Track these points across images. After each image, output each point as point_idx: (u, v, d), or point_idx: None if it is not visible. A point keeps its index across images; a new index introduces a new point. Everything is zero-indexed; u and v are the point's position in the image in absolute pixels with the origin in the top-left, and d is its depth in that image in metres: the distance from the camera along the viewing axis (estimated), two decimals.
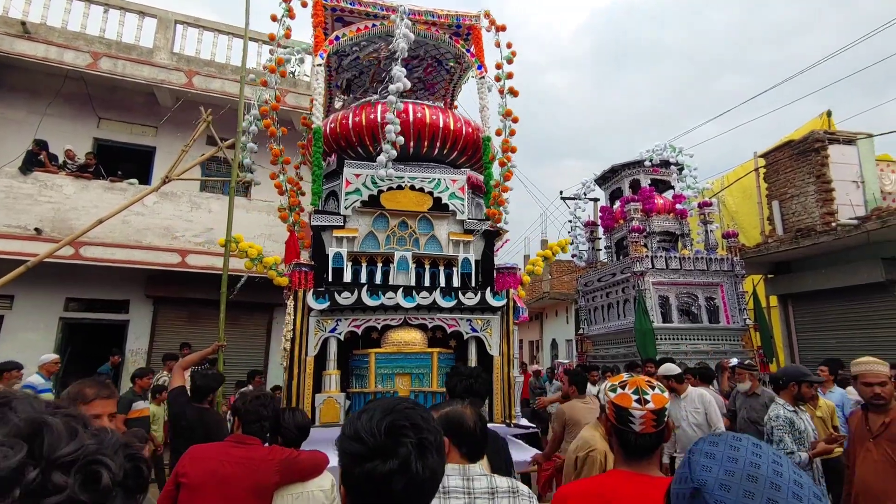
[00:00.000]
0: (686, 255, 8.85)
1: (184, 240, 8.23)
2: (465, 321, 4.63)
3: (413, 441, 0.91)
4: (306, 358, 4.28)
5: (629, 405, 1.36)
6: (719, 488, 0.72)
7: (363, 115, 5.05)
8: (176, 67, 8.70)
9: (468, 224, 4.95)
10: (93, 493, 0.50)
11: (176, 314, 8.96)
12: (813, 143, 9.23)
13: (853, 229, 7.50)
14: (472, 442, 1.64)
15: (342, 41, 5.25)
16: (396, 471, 0.88)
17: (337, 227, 4.71)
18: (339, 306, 4.36)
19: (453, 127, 5.13)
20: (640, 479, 1.35)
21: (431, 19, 5.32)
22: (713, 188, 12.65)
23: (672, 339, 8.27)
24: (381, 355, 4.33)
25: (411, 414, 0.95)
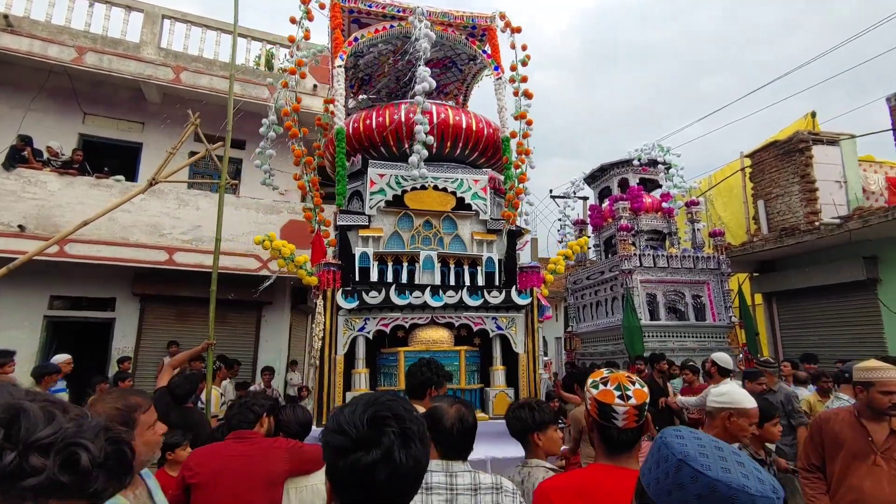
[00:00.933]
0: (673, 253, 8.96)
1: (171, 237, 8.15)
2: (490, 319, 4.68)
3: (396, 431, 0.91)
4: (335, 357, 4.36)
5: (612, 401, 1.38)
6: (699, 455, 0.81)
7: (386, 114, 5.07)
8: (163, 63, 8.60)
9: (491, 224, 5.02)
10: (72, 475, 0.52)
11: (163, 312, 8.87)
12: (797, 144, 9.38)
13: (836, 228, 7.64)
14: (447, 441, 1.67)
15: (360, 42, 5.27)
16: (380, 461, 0.88)
17: (362, 226, 4.77)
18: (367, 305, 4.43)
19: (475, 128, 5.18)
20: (621, 472, 1.38)
21: (447, 20, 5.37)
22: (700, 187, 12.81)
23: (659, 337, 8.37)
24: (409, 353, 4.37)
25: (393, 405, 0.96)
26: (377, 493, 0.90)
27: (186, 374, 4.01)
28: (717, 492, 0.76)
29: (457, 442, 1.69)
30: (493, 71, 5.41)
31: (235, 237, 8.29)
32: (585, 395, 1.45)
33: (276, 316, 9.54)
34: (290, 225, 8.78)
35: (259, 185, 9.67)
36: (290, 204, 9.11)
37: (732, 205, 12.17)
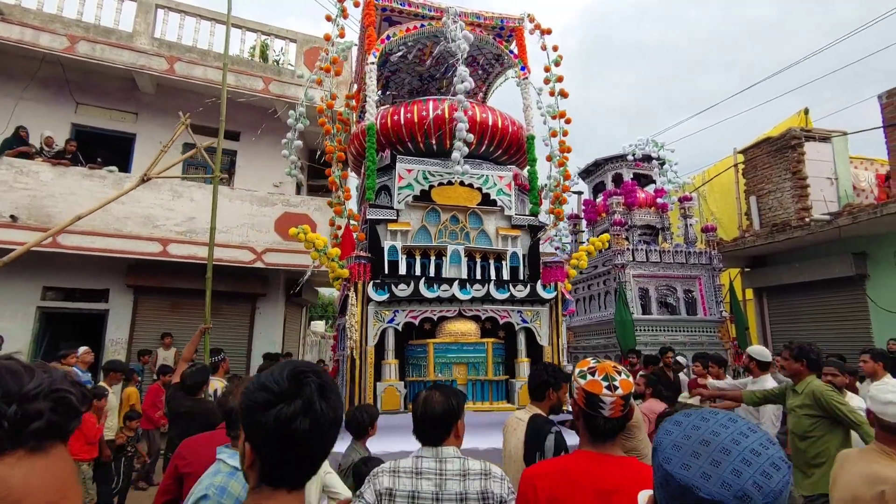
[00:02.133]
0: (666, 248, 9.04)
1: (165, 229, 8.12)
2: (515, 312, 4.79)
3: (315, 383, 0.95)
4: (367, 348, 4.45)
5: (600, 392, 1.41)
6: (671, 447, 0.83)
7: (415, 111, 5.19)
8: (157, 53, 8.53)
9: (515, 219, 5.14)
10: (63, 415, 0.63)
11: (157, 304, 8.86)
12: (790, 141, 9.45)
13: (826, 225, 7.73)
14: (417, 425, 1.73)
15: (393, 41, 5.40)
16: (300, 411, 0.91)
17: (391, 220, 4.88)
18: (397, 298, 4.51)
19: (501, 125, 5.32)
20: (605, 458, 1.42)
21: (477, 21, 5.53)
22: (694, 183, 12.89)
23: (651, 331, 8.46)
24: (438, 345, 4.49)
25: (313, 366, 1.01)
26: (298, 445, 0.91)
27: (197, 366, 4.18)
28: (670, 485, 0.80)
29: (420, 425, 1.75)
30: (520, 71, 5.56)
31: (230, 229, 8.28)
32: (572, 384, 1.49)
33: (270, 308, 9.54)
34: (285, 217, 8.77)
35: (253, 177, 9.68)
36: (284, 196, 9.09)
37: (725, 200, 12.25)
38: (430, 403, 1.76)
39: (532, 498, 1.37)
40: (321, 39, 9.81)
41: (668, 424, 0.88)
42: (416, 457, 1.72)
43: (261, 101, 9.32)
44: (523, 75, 5.56)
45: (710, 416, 0.86)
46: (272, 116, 9.73)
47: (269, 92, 9.11)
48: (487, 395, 4.48)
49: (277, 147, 9.94)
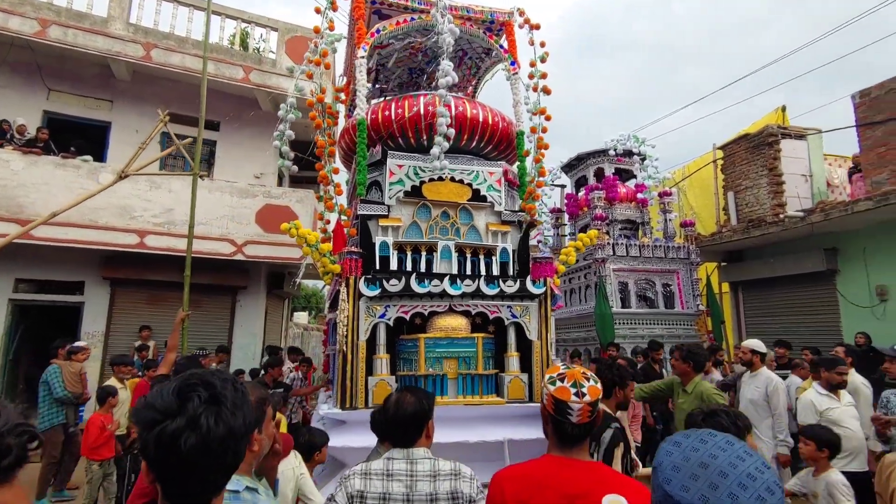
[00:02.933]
0: (645, 242, 9.17)
1: (142, 220, 7.98)
2: (505, 308, 4.81)
3: (203, 396, 0.89)
4: (358, 342, 4.50)
5: (568, 398, 1.44)
6: (671, 468, 0.86)
7: (405, 106, 5.17)
8: (132, 39, 8.30)
9: (505, 215, 5.16)
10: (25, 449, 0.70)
11: (135, 296, 8.71)
12: (767, 138, 9.63)
13: (799, 221, 7.93)
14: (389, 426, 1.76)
15: (382, 34, 5.35)
16: (184, 427, 0.85)
17: (382, 216, 4.91)
18: (388, 293, 4.55)
19: (491, 121, 5.31)
20: (572, 463, 1.45)
21: (467, 14, 5.50)
22: (674, 178, 13.07)
23: (630, 324, 8.61)
24: (429, 340, 4.54)
25: (206, 375, 0.95)
26: (185, 464, 0.86)
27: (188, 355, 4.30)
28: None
29: (392, 426, 1.78)
30: (510, 66, 5.55)
31: (209, 221, 8.16)
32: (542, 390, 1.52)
33: (251, 300, 9.46)
34: (266, 209, 8.68)
35: (233, 168, 9.54)
36: (265, 188, 8.98)
37: (704, 196, 12.46)
38: (401, 405, 1.78)
39: (500, 500, 1.39)
40: (304, 28, 9.68)
41: (668, 445, 0.91)
42: (387, 458, 1.74)
43: (241, 90, 9.17)
44: (513, 70, 5.55)
45: (709, 438, 0.89)
46: (253, 106, 9.58)
47: (250, 81, 8.96)
48: (477, 389, 4.56)
49: (258, 137, 9.84)
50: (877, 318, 7.60)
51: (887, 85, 7.82)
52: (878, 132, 7.89)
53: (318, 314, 27.02)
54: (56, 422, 5.52)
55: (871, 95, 8.04)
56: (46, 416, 5.49)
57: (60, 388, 5.53)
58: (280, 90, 9.16)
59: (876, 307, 7.67)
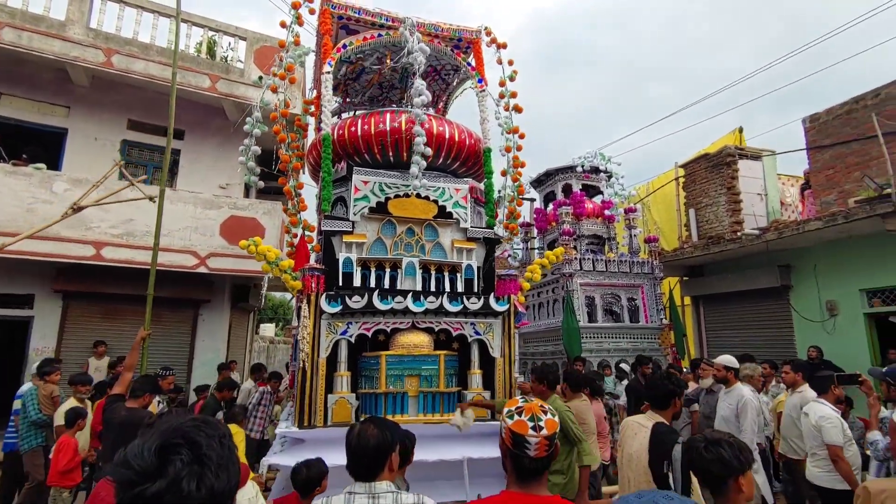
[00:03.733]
0: (611, 257, 9.38)
1: (99, 231, 7.66)
2: (469, 325, 4.83)
3: (186, 458, 0.84)
4: (318, 360, 4.46)
5: (526, 432, 1.44)
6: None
7: (372, 122, 5.20)
8: (92, 44, 8.03)
9: (471, 232, 5.18)
10: None
11: (89, 310, 8.33)
12: (725, 158, 10.04)
13: (755, 239, 8.26)
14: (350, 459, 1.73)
15: (349, 49, 5.38)
16: (165, 491, 0.80)
17: (346, 232, 4.88)
18: (350, 310, 4.53)
19: (458, 138, 5.37)
20: (530, 499, 1.45)
21: (434, 32, 5.54)
22: (639, 194, 13.45)
23: (596, 338, 8.75)
24: (391, 357, 4.52)
25: (191, 431, 0.88)
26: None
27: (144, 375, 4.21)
28: None
29: (354, 460, 1.75)
30: (477, 83, 5.60)
31: (171, 232, 7.90)
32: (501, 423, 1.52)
33: (214, 314, 9.18)
34: (231, 221, 8.47)
35: (197, 178, 9.29)
36: (231, 199, 8.78)
37: (667, 212, 12.86)
38: (363, 437, 1.75)
39: None
40: (273, 38, 9.57)
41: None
42: (348, 493, 1.70)
43: (207, 99, 8.97)
44: (480, 87, 5.63)
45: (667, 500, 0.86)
46: (219, 115, 9.39)
47: (217, 90, 8.78)
48: (439, 407, 4.52)
49: (224, 147, 9.64)
50: (827, 332, 7.96)
51: (834, 111, 8.28)
52: (827, 155, 8.34)
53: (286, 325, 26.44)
54: (35, 444, 5.29)
55: (820, 120, 8.50)
56: (26, 438, 5.26)
57: (35, 410, 5.32)
58: (248, 100, 8.99)
59: (826, 322, 8.03)
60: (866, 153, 7.68)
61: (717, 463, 1.75)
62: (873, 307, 7.59)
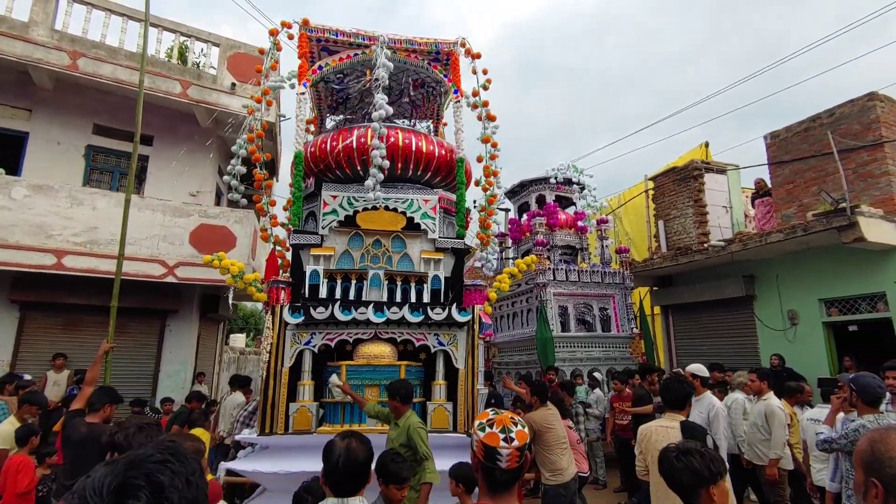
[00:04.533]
0: (584, 268, 9.54)
1: (61, 239, 7.38)
2: (432, 335, 4.89)
3: (144, 499, 0.78)
4: (282, 369, 4.60)
5: (497, 444, 1.44)
6: None
7: (340, 139, 5.33)
8: (57, 46, 7.79)
9: (439, 243, 5.21)
10: None
11: (47, 321, 7.98)
12: (692, 171, 10.36)
13: (721, 250, 8.53)
14: (332, 476, 1.70)
15: (325, 70, 5.58)
16: None
17: (314, 245, 5.02)
18: (314, 320, 4.65)
19: (426, 150, 5.44)
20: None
21: (412, 47, 5.65)
22: (610, 205, 13.74)
23: (569, 347, 8.86)
24: (351, 367, 4.62)
25: (156, 469, 0.82)
26: None
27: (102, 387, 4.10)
28: None
29: (343, 476, 1.72)
30: (453, 94, 5.68)
31: (138, 241, 7.67)
32: (472, 436, 1.53)
33: (182, 325, 8.92)
34: (201, 229, 8.28)
35: (166, 186, 9.07)
36: (201, 207, 8.59)
37: (638, 223, 13.16)
38: (352, 452, 1.73)
39: None
40: (248, 45, 9.48)
41: None
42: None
43: (178, 104, 8.79)
44: (455, 98, 5.69)
45: None
46: (190, 121, 9.21)
47: (188, 96, 8.62)
48: None
49: (194, 153, 9.45)
50: (789, 340, 8.26)
51: (794, 128, 8.66)
52: (787, 170, 8.70)
53: (257, 336, 25.88)
54: None
55: (781, 137, 8.87)
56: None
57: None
58: (220, 106, 8.87)
59: (788, 330, 8.33)
60: (823, 169, 8.05)
61: (688, 472, 1.75)
62: (831, 316, 7.91)
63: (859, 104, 7.75)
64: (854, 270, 7.47)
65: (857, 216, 6.60)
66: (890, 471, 1.08)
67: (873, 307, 7.37)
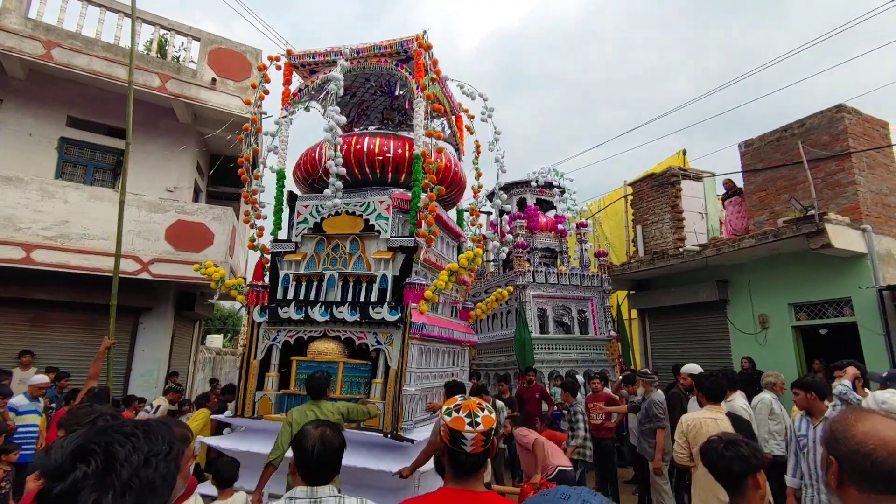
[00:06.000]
0: (563, 270, 9.64)
1: (30, 232, 7.18)
2: (371, 334, 5.11)
3: (92, 469, 0.78)
4: (252, 361, 5.29)
5: (462, 428, 1.47)
6: None
7: (316, 150, 5.88)
8: (31, 35, 7.60)
9: (391, 242, 5.35)
10: None
11: (15, 317, 7.74)
12: (669, 178, 10.58)
13: (696, 255, 8.72)
14: (305, 464, 1.70)
15: (303, 92, 6.04)
16: (60, 495, 0.76)
17: (288, 252, 5.56)
18: (279, 319, 5.25)
19: (377, 150, 5.67)
20: (468, 494, 1.48)
21: (379, 52, 5.76)
22: (590, 210, 13.93)
23: (547, 349, 8.94)
24: (301, 363, 5.07)
25: (116, 440, 0.83)
26: None
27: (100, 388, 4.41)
28: None
29: (317, 465, 1.72)
30: (415, 90, 5.66)
31: (111, 236, 7.49)
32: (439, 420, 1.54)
33: (156, 323, 8.74)
34: (178, 225, 8.15)
35: (143, 181, 8.89)
36: (178, 203, 8.45)
37: (617, 227, 13.38)
38: (326, 440, 1.74)
39: None
40: (228, 41, 9.38)
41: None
42: (288, 498, 1.67)
43: (157, 98, 8.65)
44: (417, 94, 5.66)
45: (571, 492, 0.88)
46: (168, 116, 9.06)
47: (167, 90, 8.49)
48: None
49: (171, 149, 9.30)
50: (759, 343, 8.47)
51: (766, 137, 8.92)
52: (760, 178, 8.95)
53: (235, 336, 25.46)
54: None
55: (754, 145, 9.13)
56: None
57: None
58: (200, 102, 8.75)
59: (758, 334, 8.55)
60: (794, 177, 8.30)
61: (739, 461, 1.89)
62: (800, 320, 8.15)
63: (828, 115, 8.03)
64: (822, 276, 7.72)
65: (825, 223, 6.83)
66: (844, 448, 1.14)
67: (839, 311, 7.62)
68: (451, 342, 5.98)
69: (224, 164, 11.26)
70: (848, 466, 1.13)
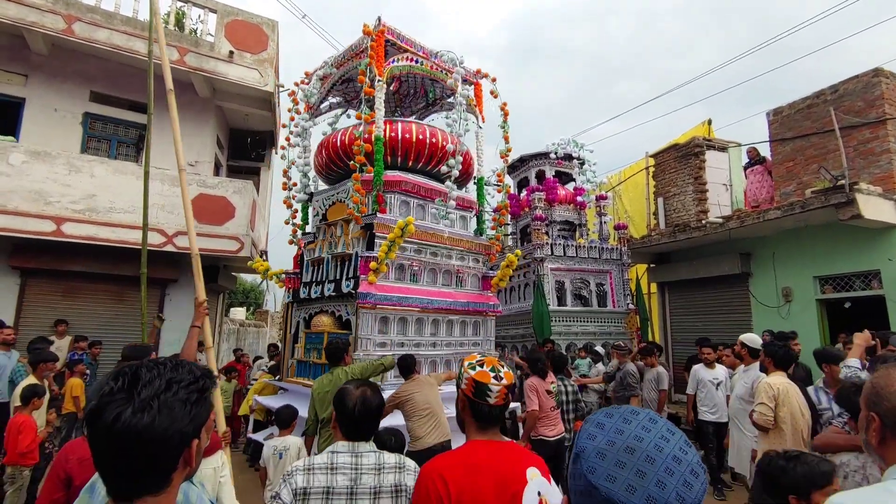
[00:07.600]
0: (582, 243, 9.57)
1: (60, 206, 7.39)
2: (344, 307, 5.80)
3: (118, 387, 0.88)
4: (288, 335, 6.63)
5: (488, 381, 1.55)
6: (595, 455, 0.80)
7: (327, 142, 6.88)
8: (52, 10, 7.66)
9: (364, 219, 5.93)
10: None
11: (49, 288, 8.05)
12: (693, 149, 10.30)
13: (719, 227, 8.55)
14: (347, 422, 1.77)
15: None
16: (94, 409, 0.86)
17: (309, 241, 6.71)
18: (299, 299, 6.52)
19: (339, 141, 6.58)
20: (496, 445, 1.56)
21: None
22: (610, 182, 13.70)
23: (565, 322, 8.96)
24: (308, 334, 6.12)
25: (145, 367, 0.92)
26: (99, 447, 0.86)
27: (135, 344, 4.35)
28: (594, 496, 0.77)
29: (357, 422, 1.79)
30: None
31: (137, 209, 7.66)
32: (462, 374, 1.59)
33: (182, 294, 9.00)
34: (200, 198, 8.28)
35: (165, 154, 9.01)
36: (200, 177, 8.57)
37: (639, 200, 13.15)
38: (367, 400, 1.81)
39: (442, 489, 1.41)
40: (245, 12, 9.33)
41: (591, 427, 0.85)
42: (330, 452, 1.75)
43: (176, 72, 8.67)
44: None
45: (632, 416, 0.84)
46: (188, 90, 9.11)
47: (185, 63, 8.52)
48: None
49: (192, 122, 9.38)
50: (782, 317, 8.34)
51: (796, 105, 8.59)
52: (788, 148, 8.66)
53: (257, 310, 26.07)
54: None
55: (783, 114, 8.80)
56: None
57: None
58: (219, 75, 8.77)
59: (781, 307, 8.41)
60: (824, 146, 8.01)
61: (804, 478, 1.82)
62: (825, 294, 7.98)
63: (864, 80, 7.67)
64: (850, 248, 7.51)
65: (856, 193, 6.61)
66: (887, 403, 1.14)
67: (867, 284, 7.44)
68: (447, 312, 6.32)
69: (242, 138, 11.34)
70: (891, 421, 1.13)
